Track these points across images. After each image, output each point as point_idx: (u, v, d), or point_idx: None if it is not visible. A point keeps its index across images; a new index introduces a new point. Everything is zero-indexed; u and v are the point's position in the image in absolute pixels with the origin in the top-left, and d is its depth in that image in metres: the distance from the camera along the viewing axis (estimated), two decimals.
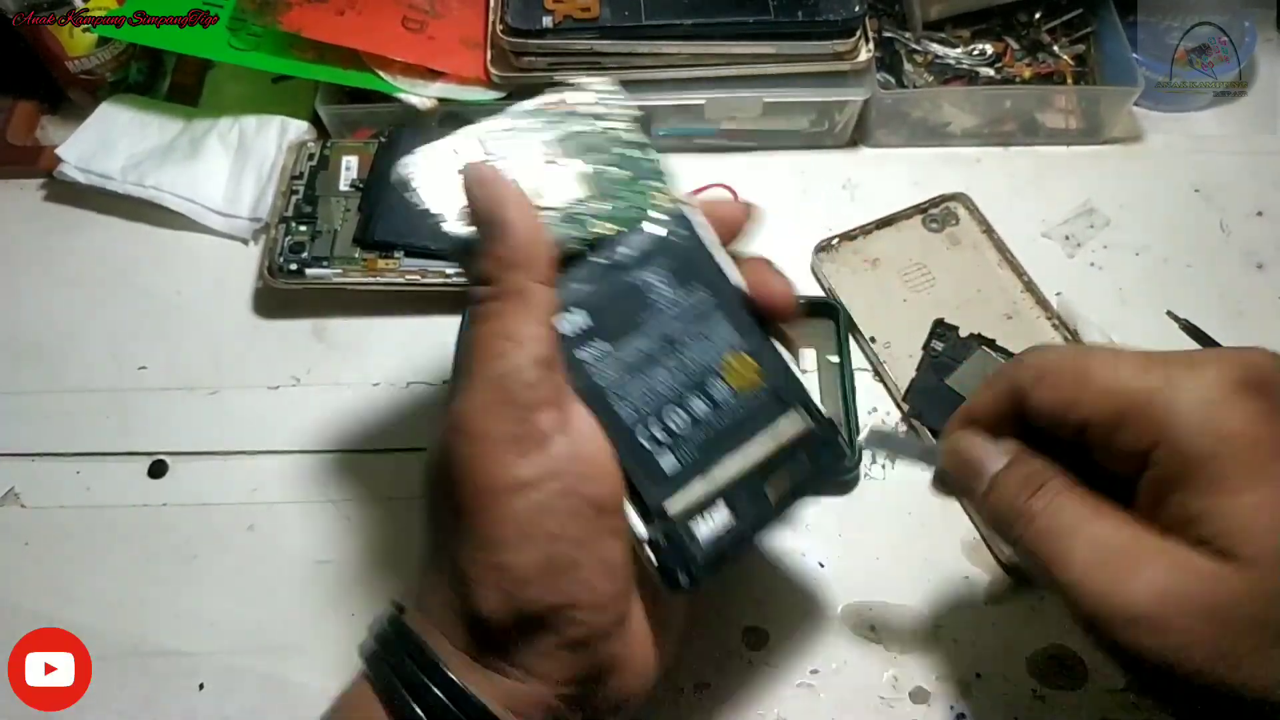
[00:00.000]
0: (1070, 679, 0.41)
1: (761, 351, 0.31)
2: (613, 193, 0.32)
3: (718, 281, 0.32)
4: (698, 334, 0.31)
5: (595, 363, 0.29)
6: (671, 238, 0.32)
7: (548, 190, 0.31)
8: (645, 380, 0.29)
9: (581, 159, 0.32)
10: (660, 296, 0.31)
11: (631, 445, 0.29)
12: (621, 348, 0.30)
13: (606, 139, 0.32)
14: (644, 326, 0.30)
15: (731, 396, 0.30)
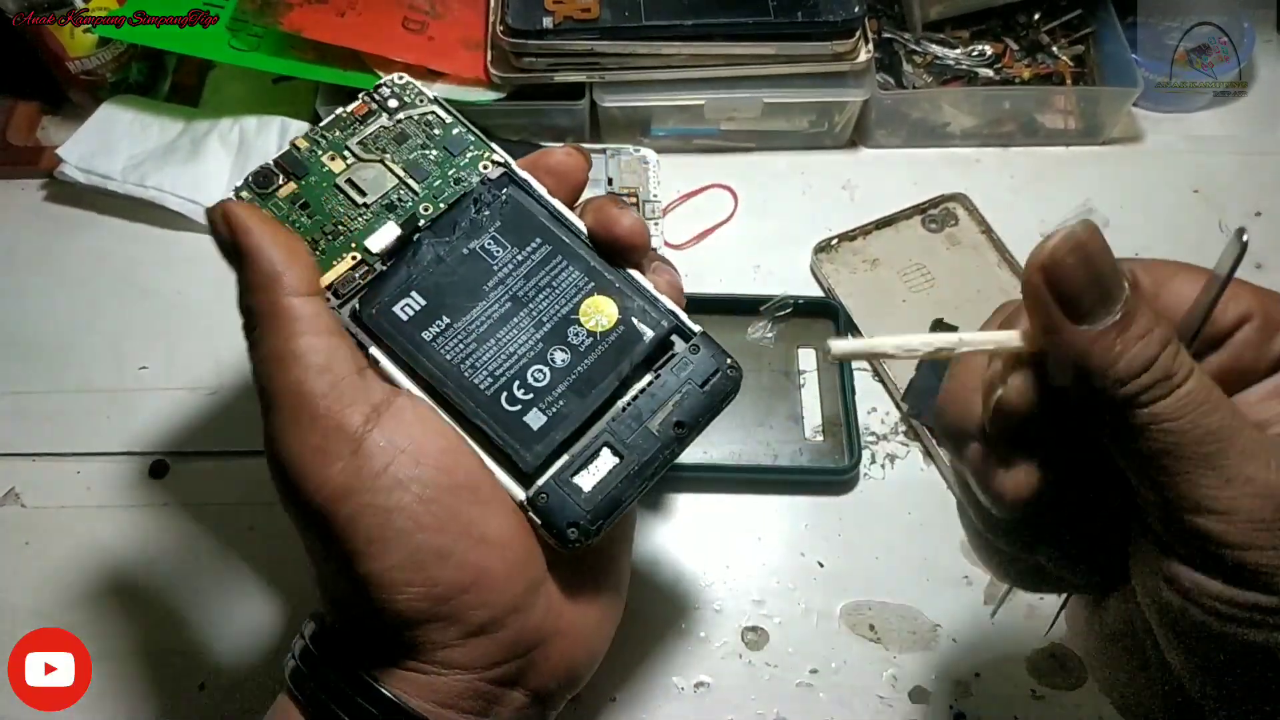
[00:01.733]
0: (1069, 679, 0.41)
1: (617, 288, 0.31)
2: (430, 172, 0.33)
3: (557, 231, 0.32)
4: (546, 287, 0.30)
5: (440, 340, 0.29)
6: (502, 199, 0.32)
7: (365, 187, 0.32)
8: (499, 345, 0.29)
9: (389, 151, 0.33)
10: (500, 259, 0.31)
11: (495, 412, 0.28)
12: (466, 319, 0.30)
13: (416, 125, 0.33)
14: (489, 293, 0.30)
15: (589, 338, 0.30)
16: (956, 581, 0.43)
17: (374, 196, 0.32)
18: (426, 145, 0.33)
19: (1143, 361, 0.19)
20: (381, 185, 0.32)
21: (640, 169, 0.54)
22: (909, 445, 0.47)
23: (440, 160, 0.33)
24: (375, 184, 0.32)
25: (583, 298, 0.30)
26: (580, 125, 0.56)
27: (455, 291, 0.30)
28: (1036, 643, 0.41)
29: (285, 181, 0.32)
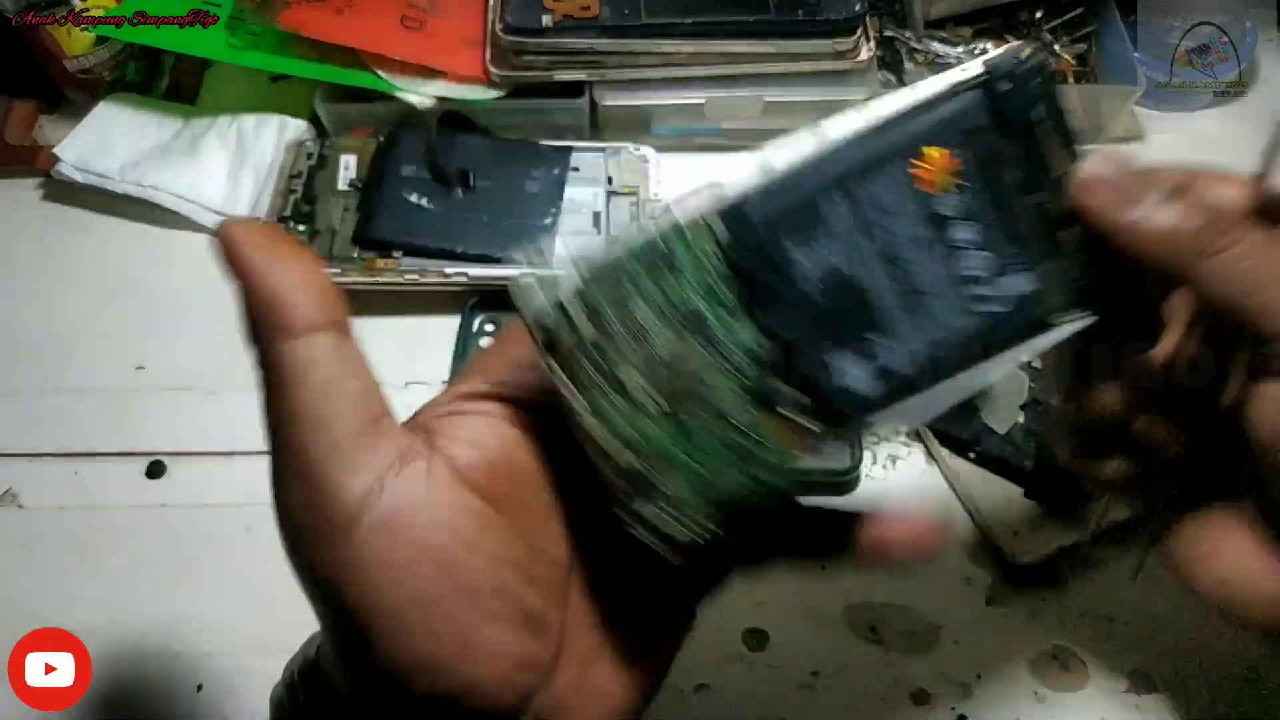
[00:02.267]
0: (1071, 680, 0.40)
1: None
2: None
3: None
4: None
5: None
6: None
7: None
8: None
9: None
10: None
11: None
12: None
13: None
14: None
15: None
16: (958, 583, 0.43)
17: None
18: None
19: (1192, 224, 0.21)
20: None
21: (640, 168, 0.53)
22: (910, 446, 0.47)
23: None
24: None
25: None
26: (580, 124, 0.56)
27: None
28: (1038, 644, 0.41)
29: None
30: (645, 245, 0.20)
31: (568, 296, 0.21)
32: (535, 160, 0.52)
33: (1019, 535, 0.43)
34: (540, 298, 0.21)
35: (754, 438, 0.22)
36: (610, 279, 0.21)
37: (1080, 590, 0.42)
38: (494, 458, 0.23)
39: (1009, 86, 0.22)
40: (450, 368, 0.48)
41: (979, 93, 0.22)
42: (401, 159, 0.51)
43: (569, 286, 0.21)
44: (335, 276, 0.48)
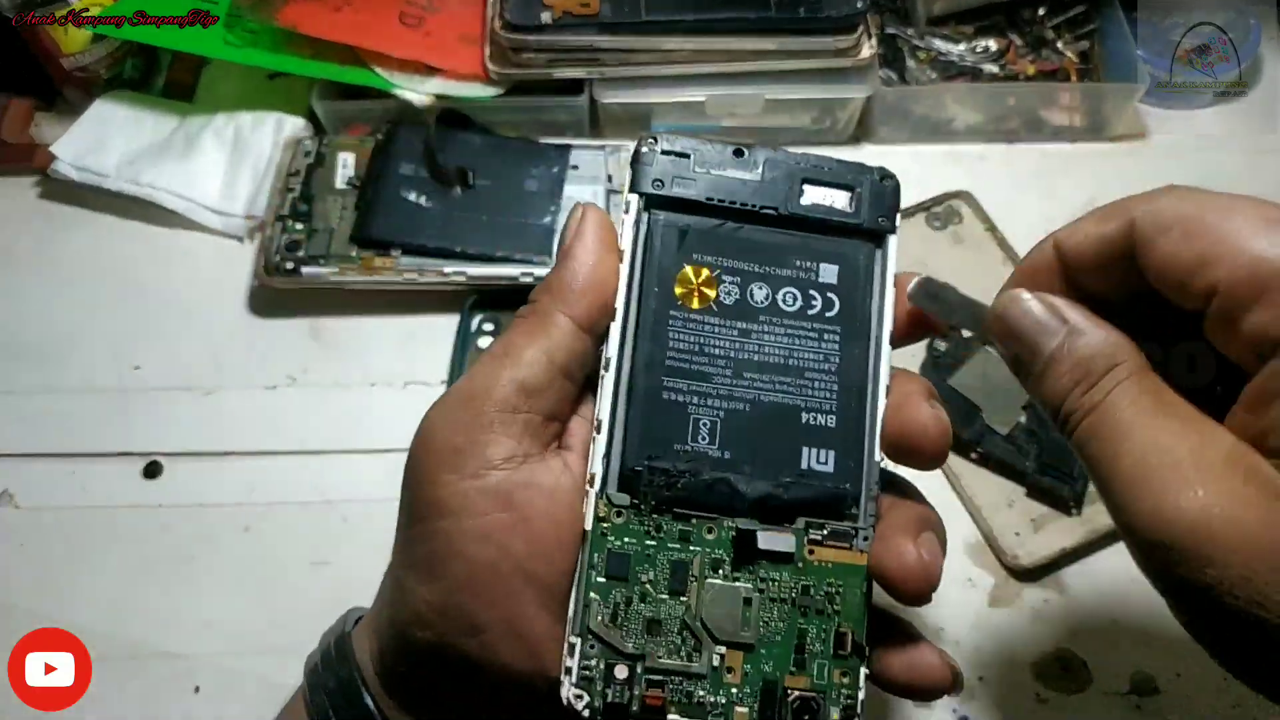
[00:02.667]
0: (1074, 682, 0.40)
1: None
2: None
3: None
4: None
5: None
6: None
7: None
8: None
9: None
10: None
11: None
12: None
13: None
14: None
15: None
16: (960, 584, 0.43)
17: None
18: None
19: (1051, 400, 0.23)
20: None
21: None
22: None
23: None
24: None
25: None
26: (580, 121, 0.55)
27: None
28: (1041, 646, 0.41)
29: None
30: (598, 565, 0.23)
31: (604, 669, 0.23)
32: (534, 158, 0.52)
33: (1021, 536, 0.43)
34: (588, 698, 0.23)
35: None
36: (606, 617, 0.23)
37: (1083, 592, 0.42)
38: None
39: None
40: (449, 367, 0.48)
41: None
42: (400, 157, 0.51)
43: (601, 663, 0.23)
44: (333, 276, 0.48)
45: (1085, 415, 0.22)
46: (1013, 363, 0.24)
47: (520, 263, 0.49)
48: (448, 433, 0.24)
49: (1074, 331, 0.22)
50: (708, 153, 0.26)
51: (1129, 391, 0.21)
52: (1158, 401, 0.21)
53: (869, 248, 0.26)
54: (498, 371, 0.25)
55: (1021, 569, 0.42)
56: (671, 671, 0.23)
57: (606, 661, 0.23)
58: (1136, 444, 0.21)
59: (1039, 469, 0.44)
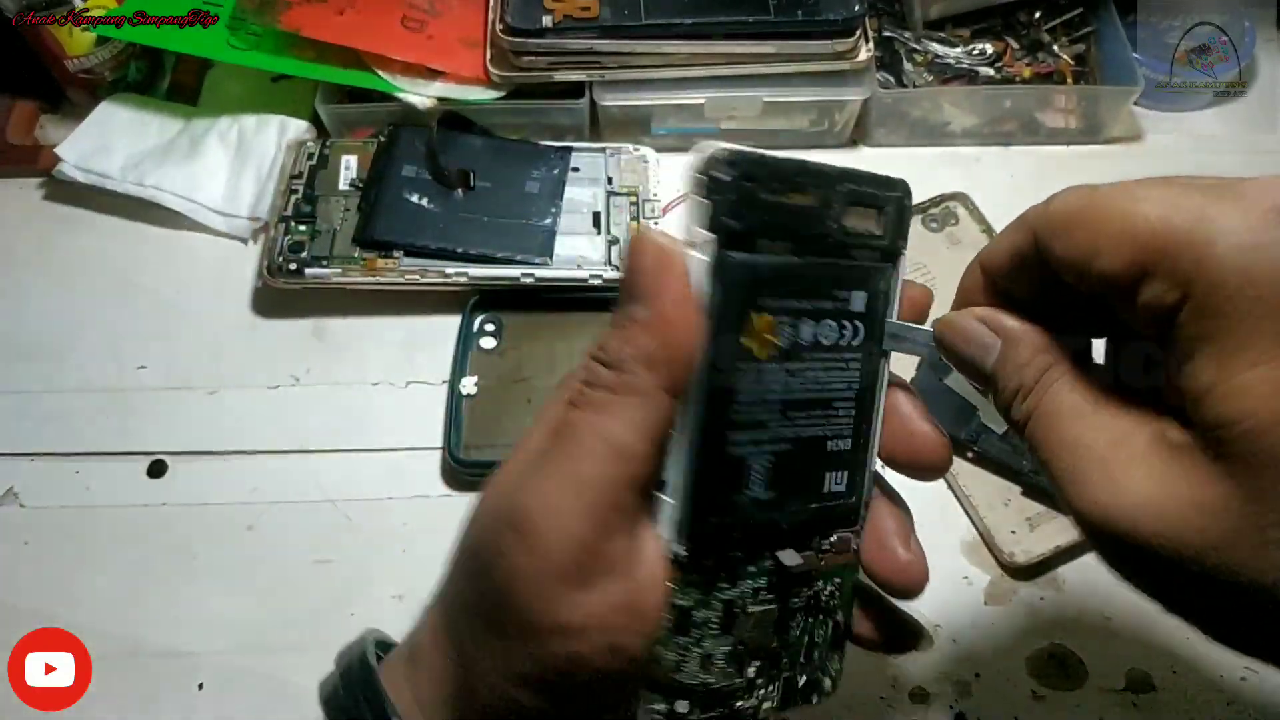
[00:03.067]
0: (1070, 679, 0.41)
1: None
2: None
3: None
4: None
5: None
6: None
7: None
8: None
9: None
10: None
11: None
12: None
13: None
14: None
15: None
16: (956, 582, 0.43)
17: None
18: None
19: (1004, 407, 0.23)
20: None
21: (640, 168, 0.54)
22: None
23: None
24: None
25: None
26: (580, 124, 0.56)
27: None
28: (1037, 643, 0.41)
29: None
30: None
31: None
32: (535, 160, 0.53)
33: (1017, 534, 0.43)
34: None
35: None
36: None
37: (1078, 589, 0.43)
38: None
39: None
40: (450, 367, 0.48)
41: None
42: (402, 159, 0.51)
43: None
44: (336, 277, 0.49)
45: (1028, 420, 0.22)
46: (970, 380, 0.24)
47: (521, 264, 0.49)
48: (566, 546, 0.21)
49: (1009, 341, 0.23)
50: (774, 172, 0.23)
51: (1060, 392, 0.22)
52: (1085, 398, 0.22)
53: (888, 268, 0.25)
54: (608, 471, 0.21)
55: (1017, 567, 0.43)
56: (721, 693, 0.24)
57: (668, 703, 0.23)
58: (1068, 443, 0.21)
59: (1035, 468, 0.44)
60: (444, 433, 0.46)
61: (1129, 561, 0.21)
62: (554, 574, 0.21)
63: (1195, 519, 0.19)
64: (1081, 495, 0.21)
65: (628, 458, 0.22)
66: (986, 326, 0.23)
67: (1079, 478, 0.21)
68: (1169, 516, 0.19)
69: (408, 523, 0.44)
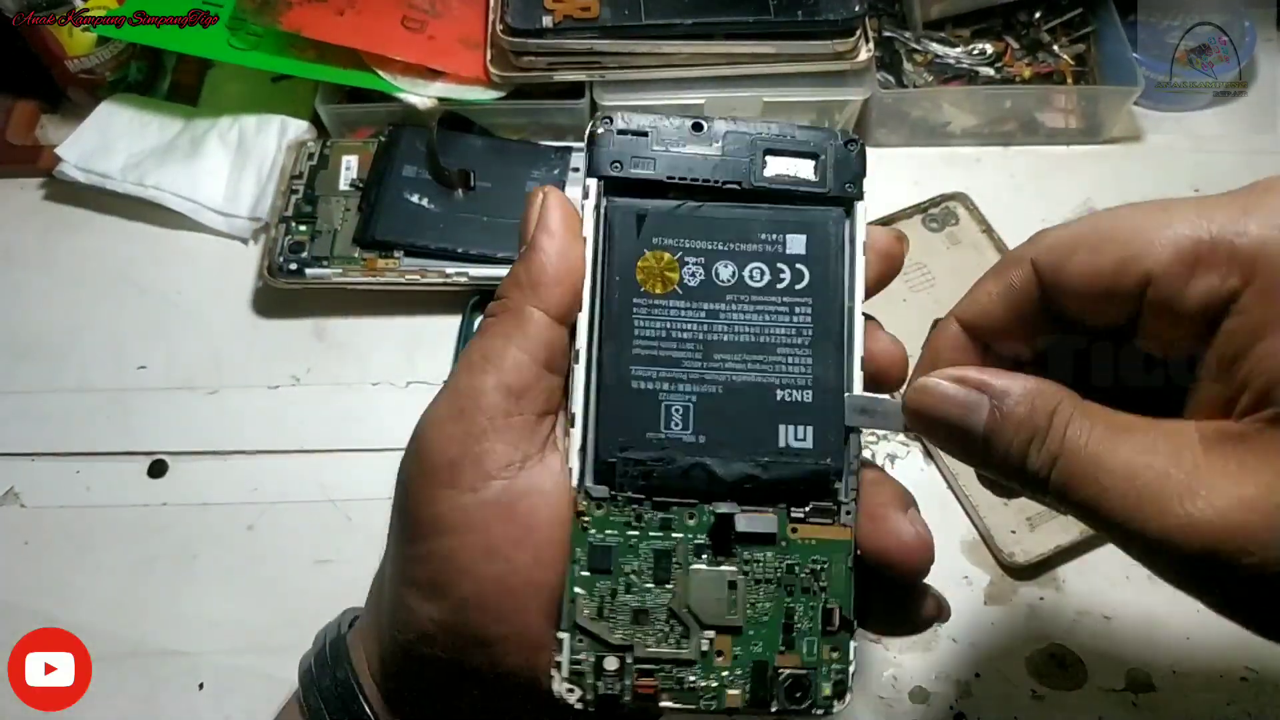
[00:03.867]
0: (1070, 679, 0.41)
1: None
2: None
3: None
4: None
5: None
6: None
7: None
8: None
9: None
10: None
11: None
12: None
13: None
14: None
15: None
16: (956, 581, 0.43)
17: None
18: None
19: (1012, 463, 0.21)
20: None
21: None
22: (909, 445, 0.47)
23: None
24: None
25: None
26: (580, 124, 0.56)
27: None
28: (1036, 643, 0.41)
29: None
30: (583, 557, 0.23)
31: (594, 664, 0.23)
32: (536, 160, 0.53)
33: (1017, 534, 0.43)
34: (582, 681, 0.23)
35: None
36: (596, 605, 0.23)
37: (1078, 589, 0.43)
38: None
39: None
40: (451, 367, 0.48)
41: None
42: (402, 159, 0.51)
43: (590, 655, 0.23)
44: (336, 277, 0.49)
45: (1051, 468, 0.21)
46: (951, 451, 0.23)
47: None
48: (441, 446, 0.23)
49: (1000, 395, 0.21)
50: (666, 129, 0.25)
51: (1081, 426, 0.21)
52: (1111, 424, 0.20)
53: (838, 214, 0.25)
54: (481, 378, 0.24)
55: (1017, 567, 0.43)
56: (661, 660, 0.23)
57: (596, 654, 0.23)
58: (1120, 470, 0.20)
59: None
60: None
61: (1222, 580, 0.19)
62: (430, 472, 0.23)
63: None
64: (1161, 518, 0.19)
65: (498, 364, 0.24)
66: (970, 383, 0.22)
67: (1148, 501, 0.19)
68: (1257, 509, 0.18)
69: None
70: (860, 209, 0.25)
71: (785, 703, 0.23)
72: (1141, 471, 0.19)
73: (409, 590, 0.24)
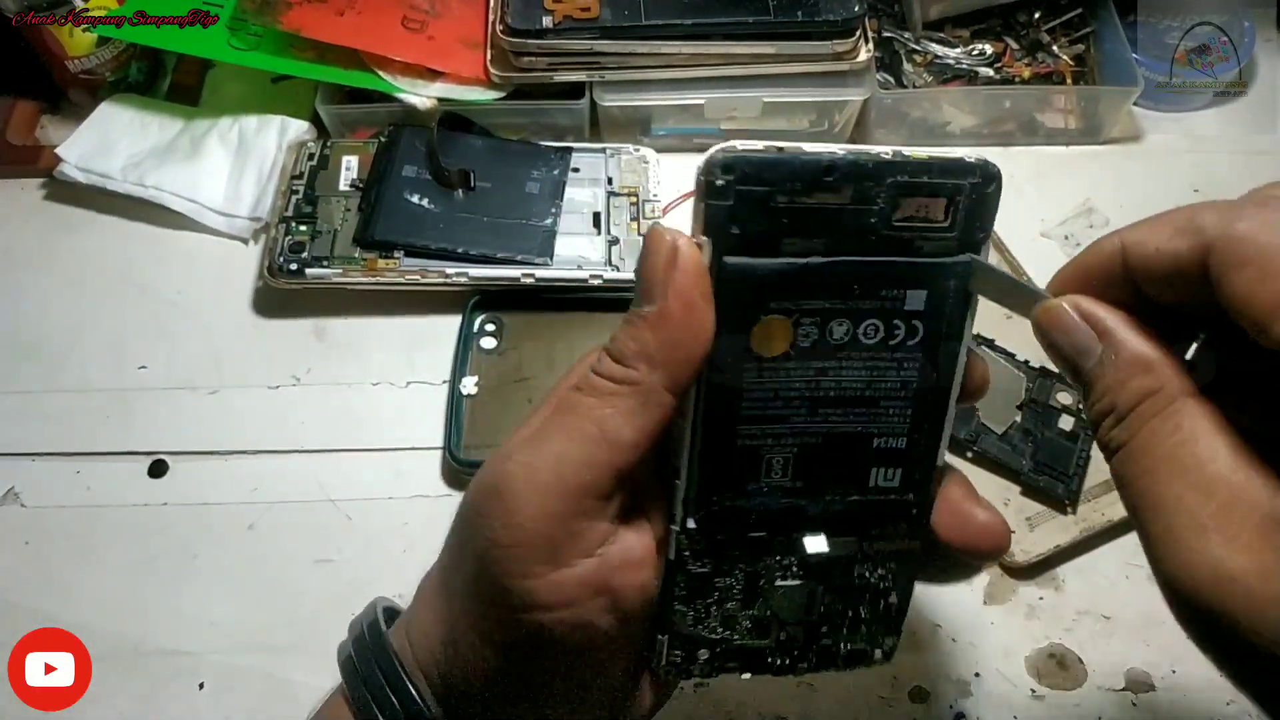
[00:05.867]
0: (1069, 679, 0.41)
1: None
2: None
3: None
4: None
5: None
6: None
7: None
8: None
9: None
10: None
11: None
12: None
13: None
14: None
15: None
16: (956, 581, 0.43)
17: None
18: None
19: (1098, 417, 0.21)
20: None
21: (640, 168, 0.54)
22: None
23: None
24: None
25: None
26: (580, 124, 0.56)
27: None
28: (1036, 643, 0.41)
29: None
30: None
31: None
32: (536, 161, 0.53)
33: (1016, 534, 0.43)
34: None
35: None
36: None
37: (1078, 589, 0.43)
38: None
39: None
40: (451, 367, 0.48)
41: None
42: (402, 160, 0.51)
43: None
44: (336, 277, 0.49)
45: (1115, 452, 0.20)
46: (1062, 365, 0.22)
47: (521, 264, 0.49)
48: (541, 522, 0.22)
49: (1110, 349, 0.20)
50: (792, 173, 0.22)
51: (1161, 431, 0.19)
52: (1193, 446, 0.19)
53: (964, 265, 0.23)
54: (595, 455, 0.22)
55: (1017, 567, 0.43)
56: (746, 650, 0.25)
57: (689, 650, 0.25)
58: (1166, 503, 0.19)
59: (1034, 468, 0.44)
60: (444, 433, 0.46)
61: (1214, 635, 0.18)
62: (528, 547, 0.22)
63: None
64: (1171, 559, 0.18)
65: (616, 446, 0.22)
66: (1093, 323, 0.21)
67: (1171, 539, 0.19)
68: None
69: (408, 523, 0.44)
70: (986, 248, 0.24)
71: (843, 667, 0.26)
72: (1183, 512, 0.18)
73: (488, 647, 0.24)
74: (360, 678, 0.26)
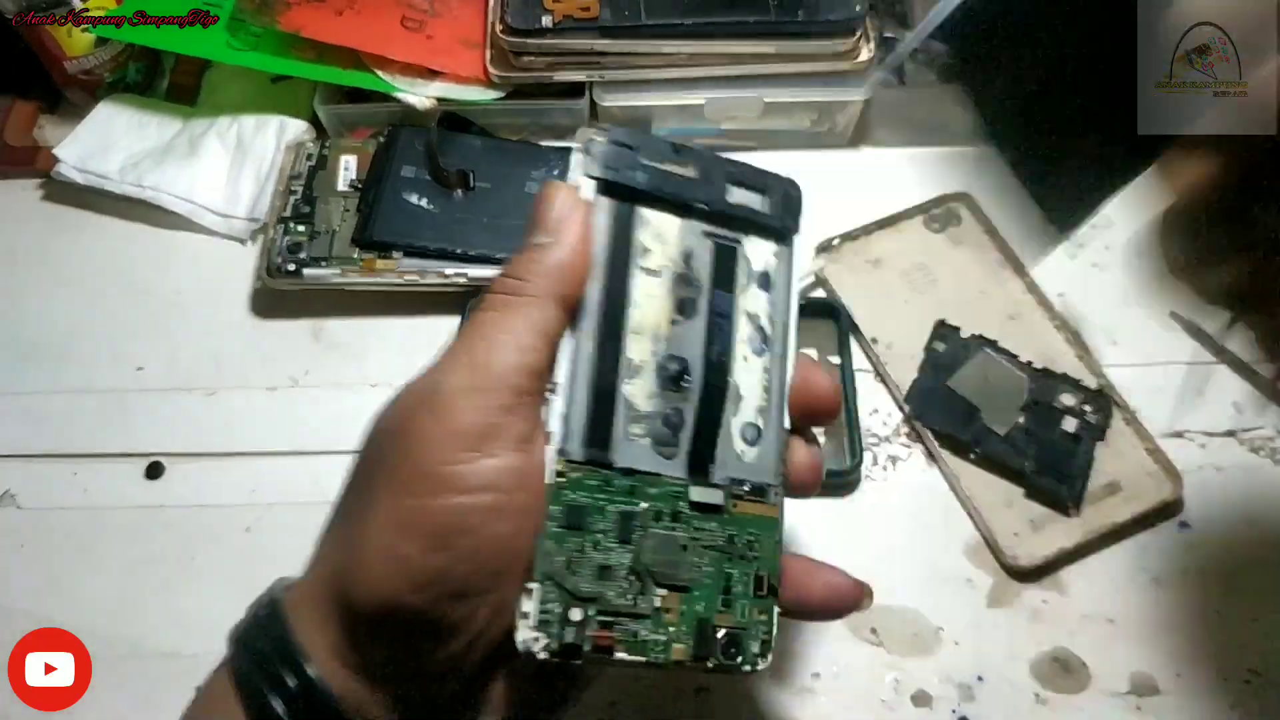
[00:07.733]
0: (1073, 682, 0.40)
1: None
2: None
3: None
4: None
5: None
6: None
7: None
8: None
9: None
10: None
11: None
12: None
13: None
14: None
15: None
16: (959, 584, 0.43)
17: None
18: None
19: None
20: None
21: None
22: (910, 447, 0.47)
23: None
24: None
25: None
26: (580, 124, 0.55)
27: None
28: (1040, 646, 0.41)
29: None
30: (558, 518, 0.26)
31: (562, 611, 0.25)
32: (535, 161, 0.52)
33: (1019, 536, 0.43)
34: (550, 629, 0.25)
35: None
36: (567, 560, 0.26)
37: (1082, 592, 0.42)
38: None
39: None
40: None
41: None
42: (401, 160, 0.51)
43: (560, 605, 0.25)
44: (335, 278, 0.48)
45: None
46: None
47: None
48: (465, 414, 0.25)
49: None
50: (651, 146, 0.29)
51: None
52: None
53: (782, 249, 0.31)
54: (507, 356, 0.26)
55: (1020, 569, 0.42)
56: (620, 613, 0.25)
57: (563, 604, 0.25)
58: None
59: (1037, 470, 0.44)
60: None
61: None
62: (457, 436, 0.25)
63: None
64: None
65: (524, 349, 0.26)
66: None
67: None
68: None
69: None
70: (796, 241, 0.31)
71: (721, 658, 0.26)
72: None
73: (407, 540, 0.25)
74: (250, 648, 0.27)
